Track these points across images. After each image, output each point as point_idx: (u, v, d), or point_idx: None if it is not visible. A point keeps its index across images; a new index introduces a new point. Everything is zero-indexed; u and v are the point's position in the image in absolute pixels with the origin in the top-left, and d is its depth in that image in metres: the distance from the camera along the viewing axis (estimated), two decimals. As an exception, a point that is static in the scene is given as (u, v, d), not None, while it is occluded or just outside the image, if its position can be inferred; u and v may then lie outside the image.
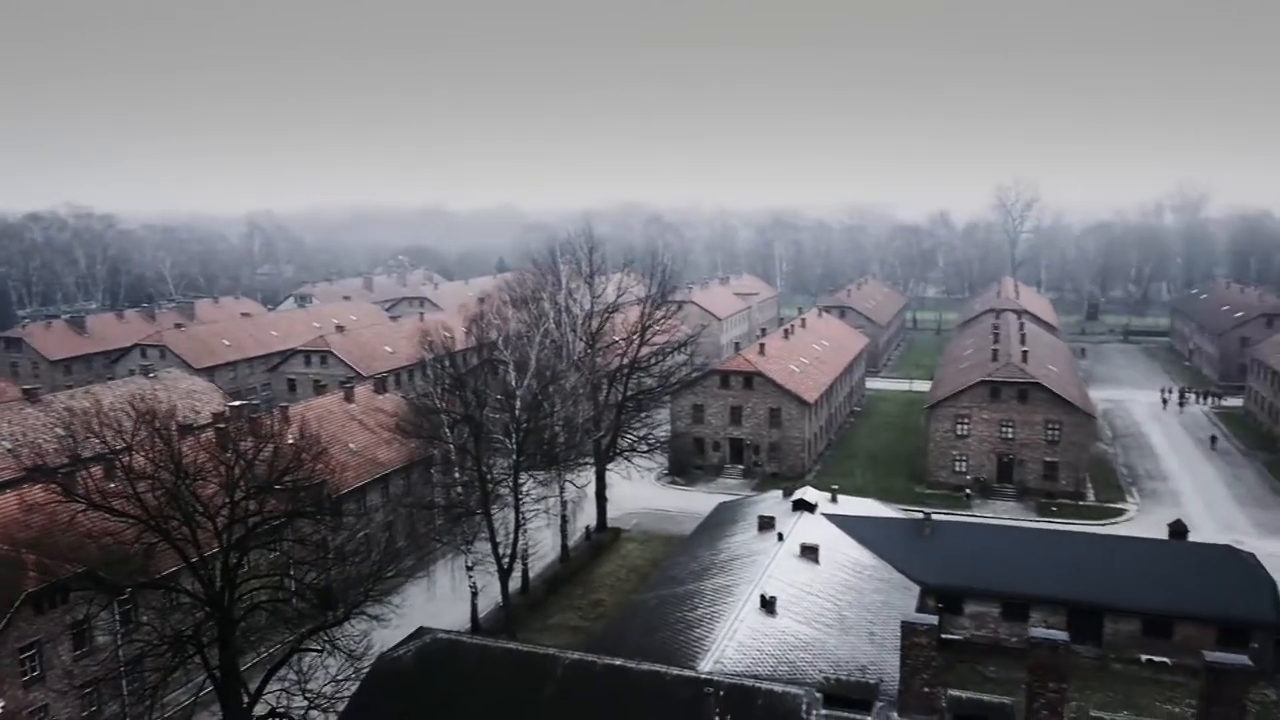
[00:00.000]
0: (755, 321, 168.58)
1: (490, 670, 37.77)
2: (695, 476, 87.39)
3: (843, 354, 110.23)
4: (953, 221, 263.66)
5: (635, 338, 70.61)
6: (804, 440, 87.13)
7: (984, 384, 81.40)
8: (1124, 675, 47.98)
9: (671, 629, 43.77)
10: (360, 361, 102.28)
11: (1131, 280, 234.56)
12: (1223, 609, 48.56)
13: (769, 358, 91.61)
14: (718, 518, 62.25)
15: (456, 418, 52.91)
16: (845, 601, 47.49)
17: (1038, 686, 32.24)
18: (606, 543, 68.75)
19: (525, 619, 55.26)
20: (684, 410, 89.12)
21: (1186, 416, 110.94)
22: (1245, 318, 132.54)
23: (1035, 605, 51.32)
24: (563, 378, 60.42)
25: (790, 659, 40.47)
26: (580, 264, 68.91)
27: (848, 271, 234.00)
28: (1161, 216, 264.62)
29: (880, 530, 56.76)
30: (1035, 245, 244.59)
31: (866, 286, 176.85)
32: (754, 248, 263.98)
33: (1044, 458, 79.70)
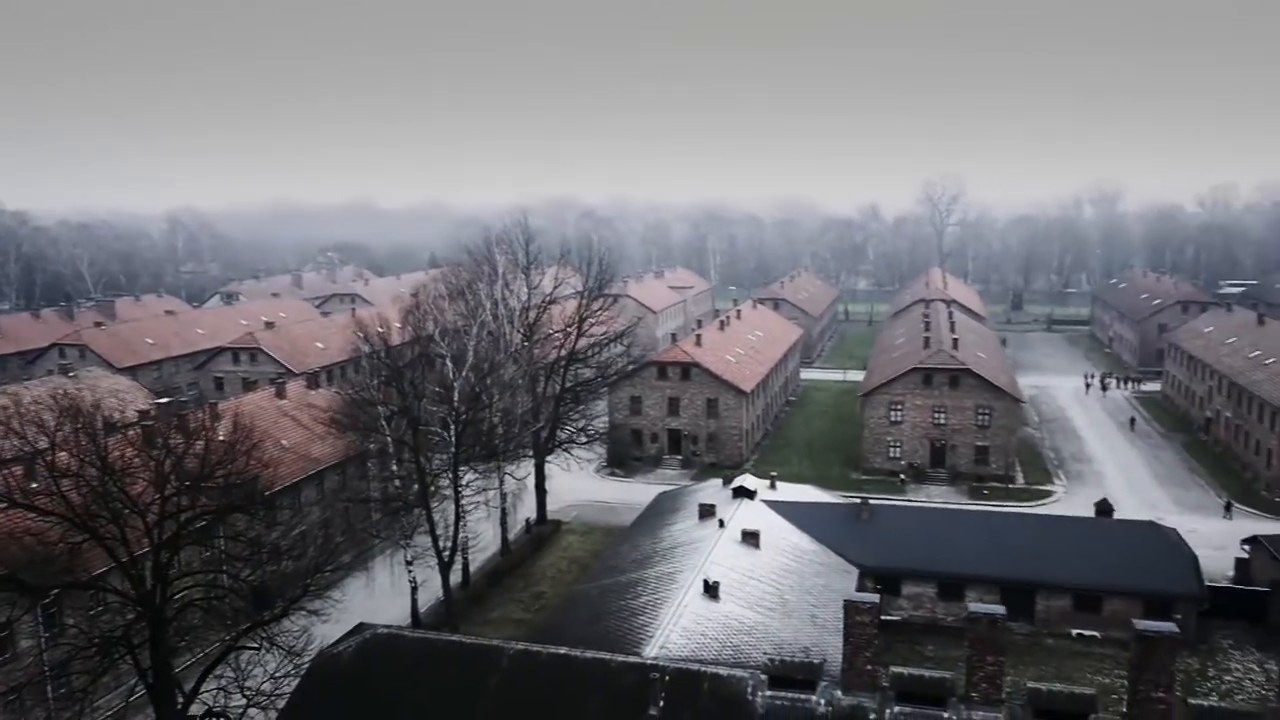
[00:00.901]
0: (690, 314, 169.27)
1: (433, 664, 37.31)
2: (634, 468, 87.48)
3: (778, 345, 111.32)
4: (882, 215, 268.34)
5: (573, 329, 70.33)
6: (741, 430, 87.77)
7: (916, 371, 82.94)
8: (1056, 650, 49.36)
9: (615, 617, 43.68)
10: (291, 358, 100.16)
11: (1054, 271, 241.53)
12: (1148, 583, 50.22)
13: (706, 349, 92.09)
14: (658, 507, 62.38)
15: (394, 410, 52.10)
16: (787, 585, 47.95)
17: (977, 660, 32.91)
18: (547, 535, 68.42)
19: (467, 613, 54.73)
20: (622, 402, 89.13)
21: (1108, 401, 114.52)
22: (1162, 305, 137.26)
23: (970, 585, 52.45)
24: (501, 369, 59.90)
25: (734, 643, 40.69)
26: (516, 255, 68.35)
27: (780, 264, 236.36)
28: (1081, 210, 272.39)
29: (819, 515, 57.44)
30: (962, 238, 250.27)
31: (799, 279, 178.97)
32: (687, 241, 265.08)
33: (975, 442, 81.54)
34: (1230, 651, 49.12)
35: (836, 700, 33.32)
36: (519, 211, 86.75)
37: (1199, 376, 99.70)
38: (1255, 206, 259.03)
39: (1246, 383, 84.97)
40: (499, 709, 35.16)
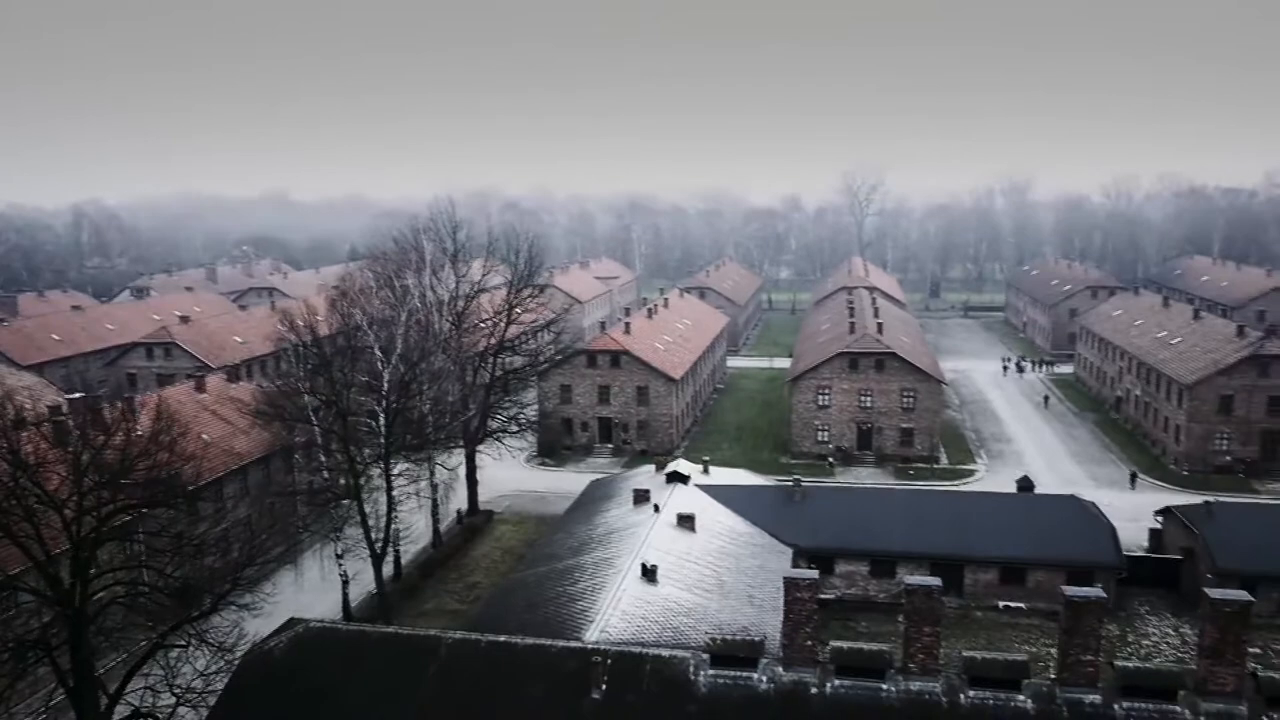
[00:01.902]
0: (617, 304, 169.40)
1: (369, 656, 36.53)
2: (565, 457, 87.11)
3: (705, 333, 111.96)
4: (804, 205, 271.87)
5: (502, 318, 69.61)
6: (672, 417, 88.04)
7: (843, 355, 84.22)
8: (985, 622, 50.66)
9: (554, 604, 43.38)
10: (208, 353, 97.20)
11: (969, 259, 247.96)
12: (1070, 554, 51.89)
13: (635, 337, 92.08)
14: (592, 494, 62.19)
15: (322, 400, 50.84)
16: (723, 567, 48.22)
17: (914, 631, 33.48)
18: (479, 525, 67.72)
19: (400, 605, 53.83)
20: (551, 391, 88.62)
21: (1024, 383, 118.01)
22: (1073, 290, 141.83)
23: (901, 562, 53.52)
24: (430, 358, 58.94)
25: (674, 625, 40.78)
26: (444, 243, 67.30)
27: (705, 254, 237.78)
28: (993, 201, 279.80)
29: (752, 498, 57.93)
30: (881, 227, 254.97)
31: (724, 268, 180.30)
32: (612, 232, 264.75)
33: (900, 424, 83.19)
34: (1147, 617, 51.06)
35: (778, 676, 33.58)
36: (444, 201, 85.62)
37: (1109, 358, 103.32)
38: (1156, 196, 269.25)
39: (1154, 362, 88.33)
40: (439, 698, 34.61)
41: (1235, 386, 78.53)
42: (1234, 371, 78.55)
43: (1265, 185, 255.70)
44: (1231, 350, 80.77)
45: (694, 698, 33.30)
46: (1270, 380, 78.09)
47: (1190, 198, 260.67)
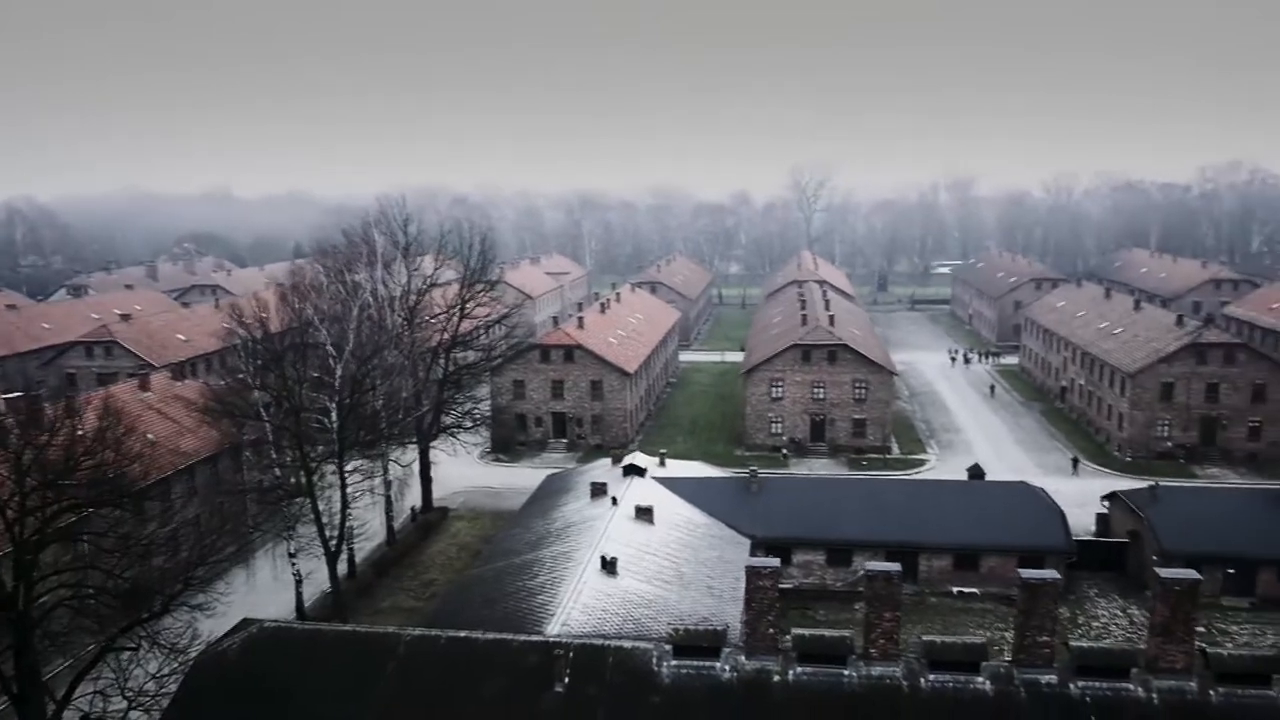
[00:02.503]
0: (568, 300, 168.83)
1: (325, 655, 35.90)
2: (519, 453, 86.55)
3: (657, 327, 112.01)
4: (753, 200, 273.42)
5: (455, 312, 68.86)
6: (626, 411, 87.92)
7: (796, 347, 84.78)
8: (940, 608, 51.30)
9: (513, 598, 43.04)
10: (151, 351, 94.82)
11: (915, 253, 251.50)
12: (1022, 540, 52.80)
13: (588, 331, 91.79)
14: (548, 488, 61.85)
15: (274, 396, 49.81)
16: (682, 559, 48.24)
17: (875, 617, 33.76)
18: (434, 522, 66.98)
19: (354, 604, 53.00)
20: (505, 386, 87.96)
21: (971, 374, 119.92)
22: (1017, 283, 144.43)
23: (857, 550, 54.01)
24: (383, 354, 58.08)
25: (635, 616, 40.67)
26: (395, 236, 66.36)
27: (655, 250, 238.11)
28: (938, 196, 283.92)
29: (709, 490, 58.02)
30: (829, 222, 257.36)
31: (675, 263, 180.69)
32: (562, 228, 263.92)
33: (853, 415, 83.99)
34: (1096, 599, 52.14)
35: (741, 665, 33.65)
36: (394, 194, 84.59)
37: (1054, 348, 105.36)
38: (1094, 192, 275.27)
39: (1098, 352, 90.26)
40: (399, 696, 34.11)
41: (1175, 374, 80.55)
42: (1174, 360, 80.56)
43: (1199, 181, 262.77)
44: (1171, 339, 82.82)
45: (657, 688, 33.22)
46: (1208, 368, 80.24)
47: (1127, 193, 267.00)
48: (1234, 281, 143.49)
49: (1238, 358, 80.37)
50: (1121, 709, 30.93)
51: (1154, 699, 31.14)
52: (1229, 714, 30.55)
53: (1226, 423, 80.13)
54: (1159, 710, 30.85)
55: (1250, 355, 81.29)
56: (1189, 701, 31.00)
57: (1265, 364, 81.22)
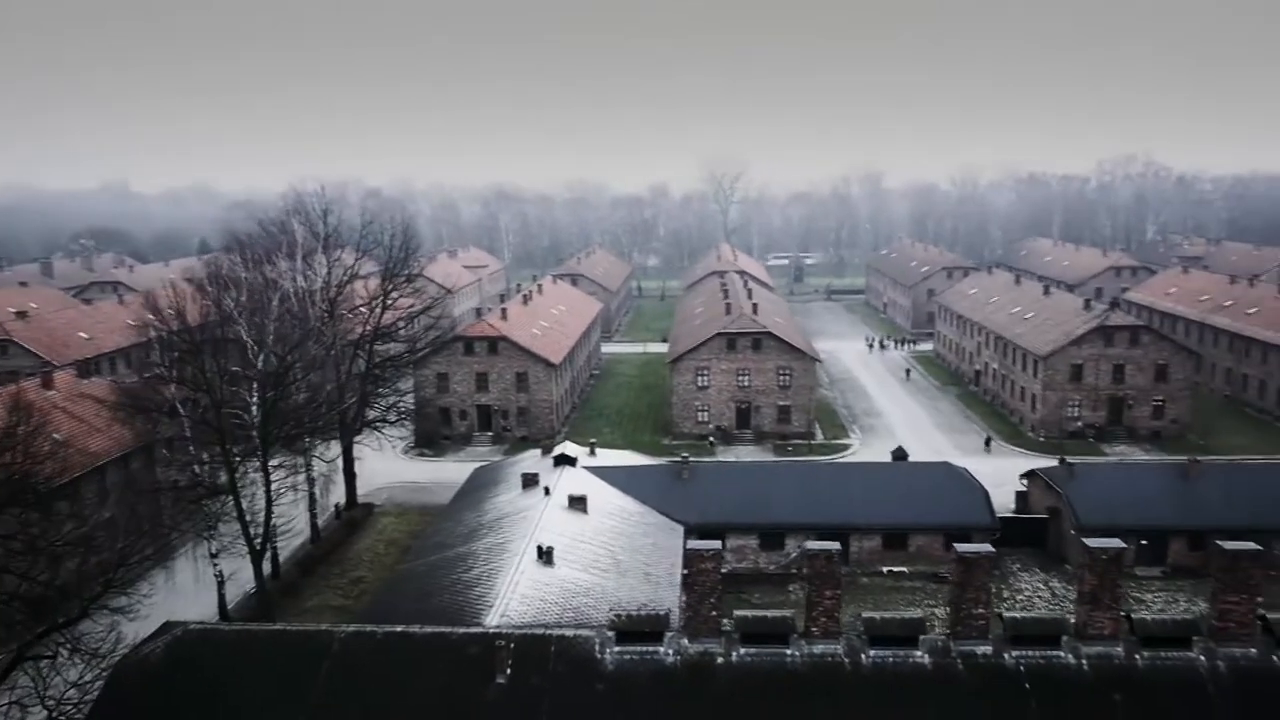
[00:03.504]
0: (486, 293, 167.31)
1: (255, 656, 34.68)
2: (444, 447, 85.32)
3: (580, 318, 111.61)
4: (671, 193, 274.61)
5: (377, 304, 67.38)
6: (552, 402, 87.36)
7: (721, 336, 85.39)
8: (871, 587, 52.21)
9: (449, 592, 42.31)
10: (51, 350, 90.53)
11: (830, 245, 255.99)
12: (948, 518, 54.12)
13: (512, 322, 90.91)
14: (478, 481, 61.06)
15: (193, 391, 47.93)
16: (618, 546, 48.10)
17: (815, 595, 34.05)
18: (359, 519, 65.55)
19: (280, 604, 51.51)
20: (428, 379, 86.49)
21: (888, 360, 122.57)
22: (930, 272, 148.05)
23: (790, 533, 54.64)
24: (304, 346, 56.47)
25: (575, 605, 40.39)
26: (315, 226, 64.52)
27: (573, 243, 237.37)
28: (850, 189, 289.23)
29: (641, 478, 58.02)
30: (746, 214, 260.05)
31: (594, 256, 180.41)
32: (479, 221, 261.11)
33: (778, 402, 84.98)
34: (1019, 574, 53.75)
35: (684, 648, 33.61)
36: (305, 187, 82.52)
37: (967, 334, 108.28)
38: (998, 184, 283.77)
39: (1011, 336, 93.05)
40: (335, 695, 33.16)
41: (1084, 356, 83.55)
42: (1083, 342, 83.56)
43: (1097, 173, 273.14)
44: (1080, 323, 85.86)
45: (602, 675, 32.98)
46: (1115, 349, 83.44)
47: (1030, 185, 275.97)
48: (1132, 268, 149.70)
49: (1141, 339, 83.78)
50: (1053, 675, 31.83)
51: (1084, 665, 32.11)
52: (1153, 676, 31.70)
53: (1132, 402, 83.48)
54: (1088, 675, 31.84)
55: (1153, 337, 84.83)
56: (1116, 666, 32.07)
57: (1167, 345, 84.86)
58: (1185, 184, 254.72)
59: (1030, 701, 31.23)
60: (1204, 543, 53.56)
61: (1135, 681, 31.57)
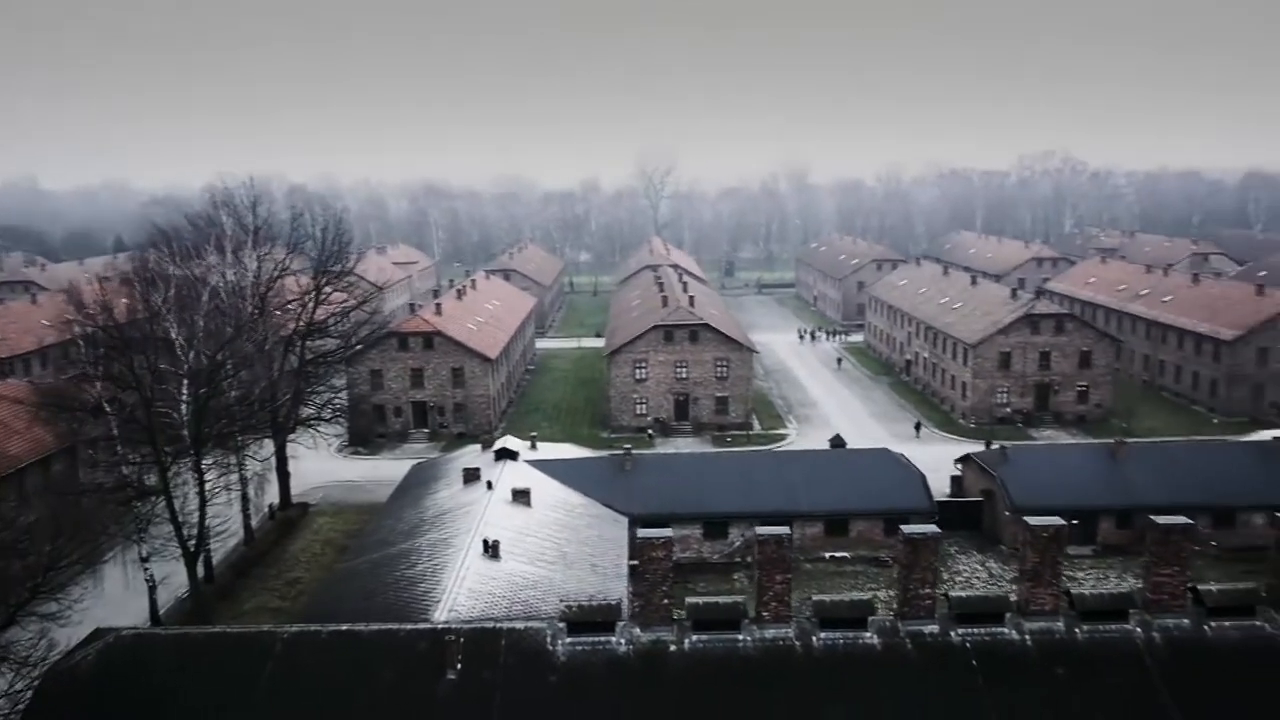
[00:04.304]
0: (417, 290, 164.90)
1: (194, 660, 33.63)
2: (379, 445, 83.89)
3: (515, 313, 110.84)
4: (602, 188, 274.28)
5: (310, 299, 65.85)
6: (489, 397, 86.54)
7: (658, 328, 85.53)
8: (814, 573, 52.78)
9: (393, 589, 41.59)
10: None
11: (760, 239, 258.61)
12: (887, 503, 54.98)
13: (447, 317, 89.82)
14: (417, 477, 60.22)
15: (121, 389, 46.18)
16: (564, 539, 47.88)
17: (766, 580, 34.31)
18: (294, 519, 64.09)
19: (216, 608, 50.03)
20: (361, 376, 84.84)
21: (820, 352, 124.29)
22: (860, 264, 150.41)
23: (733, 522, 54.96)
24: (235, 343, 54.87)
25: (523, 598, 40.07)
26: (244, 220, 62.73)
27: (503, 239, 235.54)
28: (778, 184, 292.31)
29: (583, 470, 57.82)
30: (677, 209, 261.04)
31: (526, 251, 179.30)
32: (407, 217, 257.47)
33: (715, 394, 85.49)
34: (957, 556, 54.92)
35: (636, 637, 33.55)
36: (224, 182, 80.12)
37: (898, 324, 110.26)
38: (922, 180, 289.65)
39: (941, 326, 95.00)
40: (279, 696, 32.32)
41: (1012, 344, 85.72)
42: (1011, 330, 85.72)
43: (1018, 168, 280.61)
44: (1007, 312, 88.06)
45: (554, 667, 32.75)
46: (1041, 337, 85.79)
47: (952, 180, 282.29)
48: (1053, 259, 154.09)
49: (1066, 327, 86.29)
50: (998, 652, 32.55)
51: (1027, 640, 32.91)
52: (1093, 648, 32.64)
53: (1058, 388, 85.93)
54: (1031, 650, 32.64)
55: (1077, 324, 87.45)
56: (1057, 640, 32.94)
57: (1090, 332, 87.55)
58: (1100, 179, 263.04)
59: (977, 678, 31.89)
60: (1132, 521, 55.46)
61: (1076, 655, 32.47)
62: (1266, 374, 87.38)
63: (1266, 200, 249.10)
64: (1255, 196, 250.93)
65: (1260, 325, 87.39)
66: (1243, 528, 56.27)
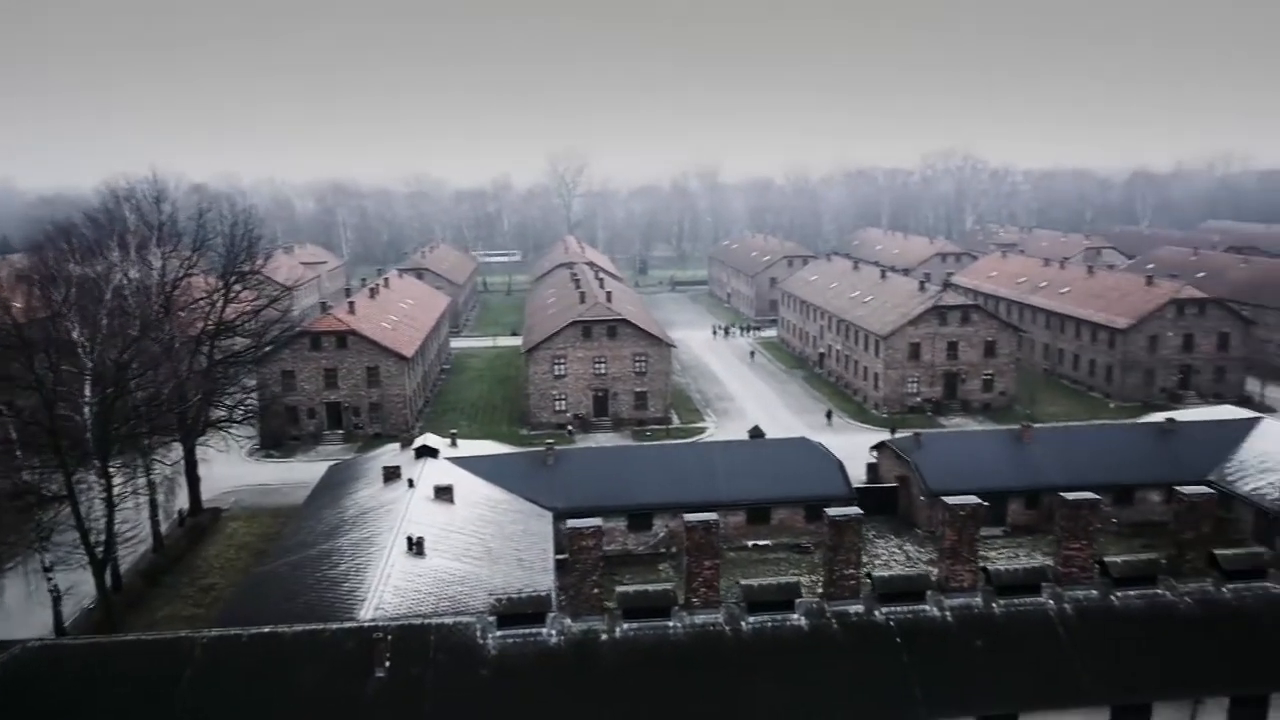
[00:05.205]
0: (326, 290, 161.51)
1: (107, 671, 32.54)
2: (292, 447, 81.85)
3: (430, 312, 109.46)
4: (515, 186, 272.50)
5: (219, 298, 63.82)
6: (405, 397, 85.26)
7: (576, 324, 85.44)
8: (738, 561, 53.38)
9: (316, 589, 40.74)
10: None
11: (673, 237, 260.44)
12: (807, 490, 56.02)
13: (360, 316, 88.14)
14: (335, 477, 59.04)
15: (20, 390, 44.04)
16: (488, 534, 47.59)
17: (695, 566, 34.75)
18: (206, 525, 62.05)
19: (125, 618, 48.13)
20: (273, 377, 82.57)
21: (734, 347, 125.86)
22: (772, 261, 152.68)
23: (657, 513, 55.31)
24: (141, 343, 52.87)
25: (450, 594, 39.73)
26: (148, 216, 60.44)
27: (414, 238, 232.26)
28: (689, 183, 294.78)
29: (506, 466, 57.51)
30: (590, 208, 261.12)
31: (439, 250, 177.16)
32: (315, 217, 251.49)
33: (634, 389, 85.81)
34: (875, 540, 56.24)
35: (567, 628, 33.65)
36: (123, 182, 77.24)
37: (810, 318, 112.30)
38: (829, 179, 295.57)
39: (852, 319, 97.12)
40: (200, 703, 31.49)
41: (921, 335, 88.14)
42: (920, 322, 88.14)
43: (921, 167, 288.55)
44: (916, 304, 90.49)
45: (485, 661, 32.61)
46: (948, 328, 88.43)
47: (858, 179, 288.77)
48: (956, 254, 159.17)
49: (972, 318, 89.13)
50: (921, 628, 33.65)
51: (947, 616, 34.08)
52: (1009, 621, 33.99)
53: (965, 377, 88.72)
54: (952, 625, 33.82)
55: (982, 315, 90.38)
56: (976, 615, 34.20)
57: (994, 323, 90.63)
58: (999, 177, 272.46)
59: (901, 655, 32.89)
60: (1039, 501, 57.68)
61: (994, 627, 33.76)
62: (1157, 360, 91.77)
63: (1152, 198, 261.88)
64: (1142, 194, 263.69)
65: (1151, 314, 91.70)
66: (1140, 504, 59.09)
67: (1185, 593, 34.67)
